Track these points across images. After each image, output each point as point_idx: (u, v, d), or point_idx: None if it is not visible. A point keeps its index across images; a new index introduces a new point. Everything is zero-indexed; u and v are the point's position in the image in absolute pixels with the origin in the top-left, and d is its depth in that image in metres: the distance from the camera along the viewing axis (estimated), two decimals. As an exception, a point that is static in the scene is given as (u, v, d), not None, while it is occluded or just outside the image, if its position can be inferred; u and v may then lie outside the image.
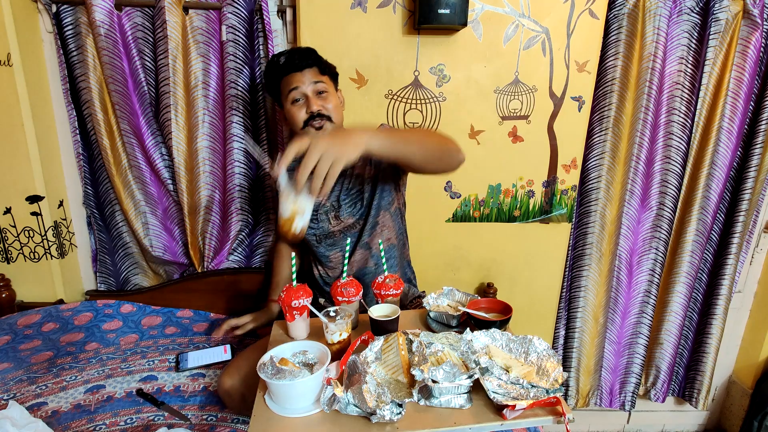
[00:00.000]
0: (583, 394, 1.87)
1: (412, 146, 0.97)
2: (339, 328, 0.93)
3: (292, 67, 1.16)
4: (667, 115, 1.57)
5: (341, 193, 1.24)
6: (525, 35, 1.42)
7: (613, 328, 1.81)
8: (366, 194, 1.24)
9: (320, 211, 1.24)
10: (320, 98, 1.17)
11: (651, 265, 1.73)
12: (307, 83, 1.16)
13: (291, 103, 1.17)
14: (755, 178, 1.62)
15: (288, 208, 0.87)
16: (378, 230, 1.25)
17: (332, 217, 1.25)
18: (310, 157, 0.79)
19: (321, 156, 0.79)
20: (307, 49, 1.18)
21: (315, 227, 1.25)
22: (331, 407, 0.79)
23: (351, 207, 1.24)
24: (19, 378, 1.24)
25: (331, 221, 1.25)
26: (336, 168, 0.80)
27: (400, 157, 0.96)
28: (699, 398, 1.88)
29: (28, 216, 1.44)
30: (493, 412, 0.80)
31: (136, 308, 1.51)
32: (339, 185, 1.25)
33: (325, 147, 0.80)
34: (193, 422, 1.18)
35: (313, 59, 1.17)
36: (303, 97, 1.16)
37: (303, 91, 1.16)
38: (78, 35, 1.39)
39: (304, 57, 1.16)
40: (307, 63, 1.16)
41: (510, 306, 1.05)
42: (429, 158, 1.01)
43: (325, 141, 0.80)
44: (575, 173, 1.59)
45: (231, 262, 1.62)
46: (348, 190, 1.25)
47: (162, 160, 1.50)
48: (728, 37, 1.50)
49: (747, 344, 1.94)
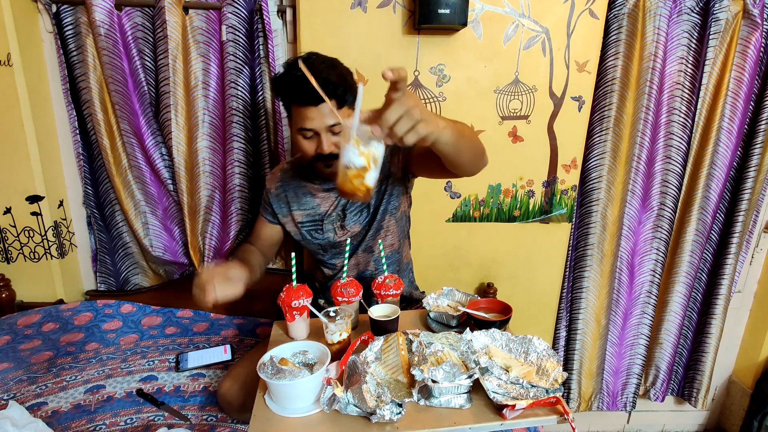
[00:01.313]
0: (586, 397, 1.87)
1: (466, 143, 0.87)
2: (339, 328, 0.93)
3: (304, 99, 1.00)
4: (667, 114, 1.57)
5: (347, 202, 1.20)
6: (525, 35, 1.42)
7: (615, 329, 1.81)
8: (372, 200, 1.19)
9: (325, 222, 1.21)
10: (335, 136, 1.05)
11: (652, 266, 1.73)
12: (319, 122, 1.02)
13: (300, 133, 1.06)
14: (755, 178, 1.62)
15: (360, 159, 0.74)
16: (381, 234, 1.23)
17: (337, 227, 1.21)
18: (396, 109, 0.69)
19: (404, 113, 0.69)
20: (326, 78, 0.98)
21: (320, 238, 1.23)
22: (331, 407, 0.79)
23: (357, 215, 1.20)
24: (19, 378, 1.24)
25: (336, 231, 1.21)
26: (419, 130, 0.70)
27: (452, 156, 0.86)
28: (699, 398, 1.88)
29: (28, 216, 1.44)
30: (493, 412, 0.80)
31: (136, 308, 1.51)
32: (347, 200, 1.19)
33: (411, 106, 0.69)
34: (193, 422, 1.18)
35: (332, 92, 0.99)
36: (314, 134, 1.04)
37: (315, 128, 1.03)
38: (78, 35, 1.39)
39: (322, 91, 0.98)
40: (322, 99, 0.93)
41: (510, 306, 1.05)
42: (472, 159, 0.93)
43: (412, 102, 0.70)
44: (575, 173, 1.59)
45: (231, 262, 1.62)
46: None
47: (162, 160, 1.50)
48: (728, 37, 1.50)
49: (747, 344, 1.94)
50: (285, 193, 1.23)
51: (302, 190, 1.22)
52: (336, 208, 1.21)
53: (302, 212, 1.22)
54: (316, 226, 1.22)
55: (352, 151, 0.73)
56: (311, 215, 1.22)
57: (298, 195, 1.22)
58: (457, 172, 0.97)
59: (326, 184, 1.20)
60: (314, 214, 1.22)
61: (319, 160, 1.08)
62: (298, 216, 1.23)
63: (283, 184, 1.24)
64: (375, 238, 1.23)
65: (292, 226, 1.25)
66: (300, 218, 1.23)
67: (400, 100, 0.69)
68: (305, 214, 1.22)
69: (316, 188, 1.21)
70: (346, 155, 0.74)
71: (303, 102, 1.01)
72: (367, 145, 0.73)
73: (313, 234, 1.23)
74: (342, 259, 1.25)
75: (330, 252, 1.26)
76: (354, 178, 0.75)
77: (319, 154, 1.06)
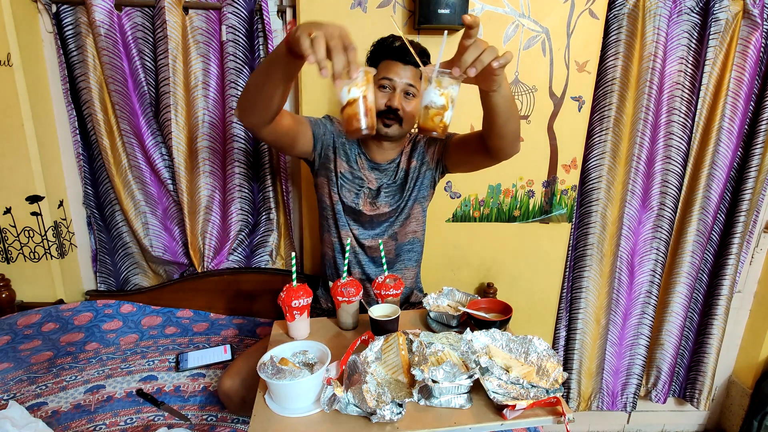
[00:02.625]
0: (585, 397, 1.87)
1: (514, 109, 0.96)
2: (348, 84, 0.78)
3: (400, 56, 1.13)
4: (667, 115, 1.57)
5: (384, 182, 1.25)
6: (525, 35, 1.42)
7: (615, 329, 1.81)
8: (408, 184, 1.24)
9: (362, 189, 1.24)
10: (405, 98, 1.16)
11: (652, 266, 1.73)
12: (403, 79, 1.14)
13: (378, 86, 1.15)
14: (755, 178, 1.62)
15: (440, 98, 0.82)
16: (408, 222, 1.27)
17: (368, 202, 1.24)
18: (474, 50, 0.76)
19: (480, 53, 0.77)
20: (421, 50, 1.15)
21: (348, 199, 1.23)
22: (331, 407, 0.79)
23: (389, 197, 1.25)
24: (19, 378, 1.24)
25: (366, 205, 1.24)
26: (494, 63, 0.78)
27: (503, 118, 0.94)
28: (700, 398, 1.88)
29: (28, 216, 1.44)
30: (493, 412, 0.80)
31: (136, 308, 1.51)
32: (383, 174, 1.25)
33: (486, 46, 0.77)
34: (193, 422, 1.18)
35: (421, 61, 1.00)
36: (391, 89, 1.15)
37: (395, 84, 1.14)
38: (78, 35, 1.39)
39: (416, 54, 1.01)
40: (414, 61, 1.13)
41: (510, 306, 1.05)
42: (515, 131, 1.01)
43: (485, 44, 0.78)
44: (575, 173, 1.59)
45: (231, 262, 1.62)
46: (391, 179, 1.25)
47: (162, 160, 1.50)
48: (728, 37, 1.50)
49: (747, 344, 1.94)
50: (343, 143, 1.24)
51: (353, 155, 1.24)
52: (377, 189, 1.25)
53: (348, 167, 1.23)
54: (352, 185, 1.24)
55: (433, 91, 0.82)
56: (353, 174, 1.24)
57: (350, 155, 1.24)
58: (499, 145, 1.03)
59: (371, 163, 1.25)
60: (356, 175, 1.24)
61: (385, 114, 1.15)
62: (343, 166, 1.23)
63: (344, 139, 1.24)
64: (403, 225, 1.26)
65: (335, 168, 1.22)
66: (343, 169, 1.23)
67: (476, 43, 0.77)
68: (349, 170, 1.23)
69: (361, 163, 1.25)
70: (428, 96, 0.82)
71: (395, 57, 1.14)
72: (446, 86, 0.81)
73: (343, 191, 1.23)
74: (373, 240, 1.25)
75: (357, 223, 1.25)
76: (435, 116, 0.83)
77: (387, 107, 1.14)
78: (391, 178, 1.25)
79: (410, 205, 1.25)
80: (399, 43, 1.15)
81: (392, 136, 1.18)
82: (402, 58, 1.13)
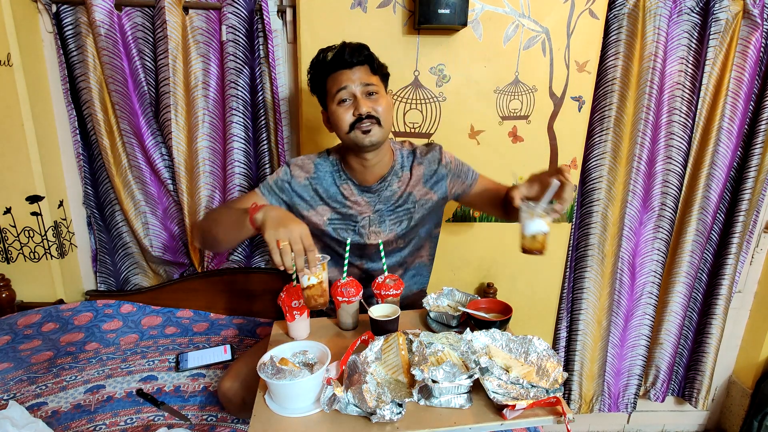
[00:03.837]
0: (587, 399, 1.87)
1: None
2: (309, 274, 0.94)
3: (341, 63, 1.06)
4: (667, 114, 1.57)
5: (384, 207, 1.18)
6: (525, 35, 1.42)
7: (616, 331, 1.81)
8: (415, 215, 1.19)
9: (359, 222, 1.17)
10: (370, 99, 1.07)
11: (653, 267, 1.72)
12: (356, 82, 1.06)
13: (337, 103, 1.07)
14: (755, 178, 1.62)
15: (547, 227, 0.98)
16: (417, 253, 1.26)
17: (371, 231, 1.18)
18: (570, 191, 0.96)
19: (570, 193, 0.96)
20: (358, 45, 1.07)
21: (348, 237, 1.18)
22: (331, 407, 0.79)
23: (396, 224, 1.18)
24: (19, 378, 1.24)
25: (368, 236, 1.17)
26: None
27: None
28: (699, 398, 1.88)
29: (28, 216, 1.44)
30: (493, 412, 0.80)
31: (136, 308, 1.51)
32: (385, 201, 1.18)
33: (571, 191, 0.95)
34: (193, 422, 1.18)
35: (364, 56, 1.07)
36: (351, 98, 1.07)
37: (351, 90, 1.06)
38: (78, 35, 1.39)
39: (355, 53, 1.06)
40: (358, 60, 1.06)
41: (510, 306, 1.05)
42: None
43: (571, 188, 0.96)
44: (575, 173, 1.59)
45: (231, 262, 1.62)
46: (394, 205, 1.19)
47: (162, 160, 1.50)
48: (728, 37, 1.50)
49: (747, 344, 1.94)
50: (316, 185, 1.17)
51: (334, 189, 1.17)
52: (371, 214, 1.18)
53: (330, 209, 1.17)
54: (346, 224, 1.18)
55: (540, 222, 0.97)
56: (341, 213, 1.17)
57: (330, 192, 1.17)
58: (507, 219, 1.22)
59: (360, 187, 1.17)
60: (345, 214, 1.17)
61: (357, 122, 1.06)
62: (326, 212, 1.17)
63: (317, 176, 1.17)
64: (413, 256, 1.25)
65: (314, 222, 1.18)
66: (328, 214, 1.17)
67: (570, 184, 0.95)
68: (334, 212, 1.17)
69: (349, 191, 1.17)
70: (535, 227, 0.98)
71: (338, 67, 1.07)
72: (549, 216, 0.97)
73: (340, 233, 1.18)
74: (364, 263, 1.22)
75: (351, 254, 1.21)
76: (543, 240, 0.99)
77: (357, 117, 1.06)
78: (386, 201, 1.18)
79: (423, 236, 1.24)
80: (331, 53, 1.07)
81: (377, 142, 1.08)
82: (344, 64, 1.06)
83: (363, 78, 1.07)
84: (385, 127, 1.09)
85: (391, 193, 1.18)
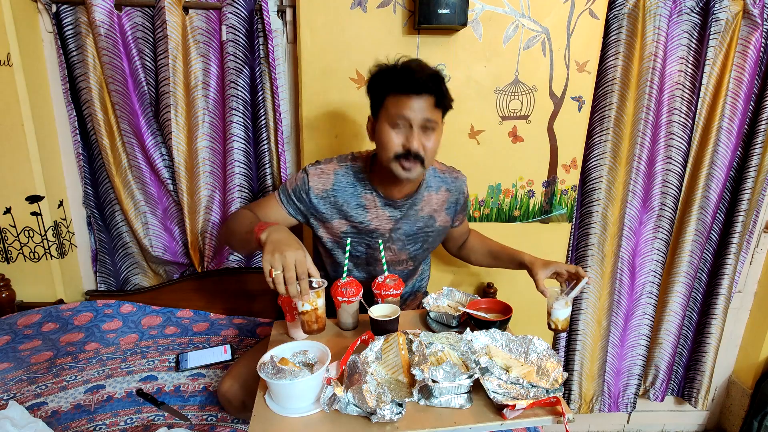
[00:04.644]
0: (587, 399, 1.87)
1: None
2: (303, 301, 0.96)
3: (410, 87, 0.98)
4: (667, 114, 1.57)
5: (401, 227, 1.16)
6: (525, 35, 1.42)
7: (617, 331, 1.81)
8: (430, 239, 1.23)
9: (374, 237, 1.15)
10: (424, 135, 1.02)
11: (653, 267, 1.72)
12: (417, 113, 0.99)
13: (391, 125, 1.02)
14: (755, 178, 1.62)
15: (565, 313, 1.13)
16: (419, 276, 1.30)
17: (385, 247, 1.16)
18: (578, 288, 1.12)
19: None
20: (433, 74, 1.01)
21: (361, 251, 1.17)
22: (331, 407, 0.79)
23: (410, 244, 1.19)
24: (19, 378, 1.24)
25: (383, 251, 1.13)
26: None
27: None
28: (698, 398, 1.88)
29: (28, 216, 1.44)
30: (493, 412, 0.80)
31: (136, 308, 1.51)
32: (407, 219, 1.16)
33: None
34: (193, 422, 1.18)
35: (435, 87, 1.00)
36: (407, 127, 1.01)
37: (410, 121, 1.00)
38: (78, 35, 1.39)
39: (428, 82, 0.99)
40: (427, 89, 0.99)
41: (510, 306, 1.05)
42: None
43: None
44: (575, 173, 1.59)
45: (231, 262, 1.62)
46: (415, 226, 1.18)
47: (162, 160, 1.50)
48: (728, 37, 1.50)
49: (747, 344, 1.94)
50: (335, 197, 1.12)
51: (356, 200, 1.12)
52: (392, 231, 1.16)
53: (348, 222, 1.13)
54: (361, 238, 1.15)
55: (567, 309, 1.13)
56: (358, 228, 1.14)
57: (350, 204, 1.12)
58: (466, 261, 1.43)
59: (385, 200, 1.13)
60: (362, 228, 1.14)
61: (400, 158, 1.02)
62: (342, 225, 1.14)
63: (336, 188, 1.11)
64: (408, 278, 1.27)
65: (331, 232, 1.15)
66: (344, 227, 1.14)
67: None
68: (350, 225, 1.14)
69: (372, 202, 1.13)
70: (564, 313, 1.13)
71: (405, 90, 0.99)
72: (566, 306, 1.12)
73: (354, 245, 1.16)
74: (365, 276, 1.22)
75: (359, 268, 1.21)
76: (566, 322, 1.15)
77: (406, 150, 1.01)
78: (410, 219, 1.16)
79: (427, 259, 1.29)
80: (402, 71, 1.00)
81: (414, 179, 1.06)
82: (414, 89, 0.98)
83: (426, 111, 1.00)
84: (426, 167, 1.05)
85: (416, 213, 1.17)
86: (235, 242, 1.11)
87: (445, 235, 1.29)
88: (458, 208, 1.27)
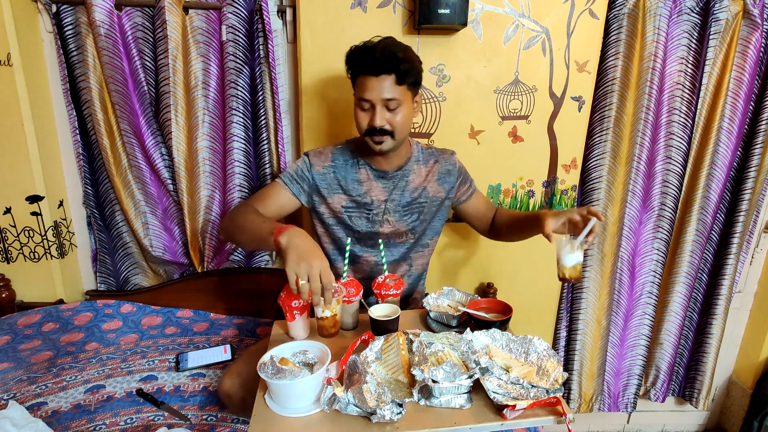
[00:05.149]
0: (586, 398, 1.87)
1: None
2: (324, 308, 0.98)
3: (368, 68, 1.05)
4: (667, 115, 1.57)
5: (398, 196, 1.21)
6: (525, 35, 1.42)
7: (616, 331, 1.81)
8: (426, 210, 1.23)
9: (373, 210, 1.20)
10: (389, 113, 1.08)
11: (653, 267, 1.72)
12: (377, 93, 1.06)
13: (358, 105, 1.10)
14: (755, 178, 1.62)
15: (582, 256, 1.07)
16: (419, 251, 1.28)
17: (384, 219, 1.20)
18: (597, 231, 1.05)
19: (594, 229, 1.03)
20: (388, 54, 1.04)
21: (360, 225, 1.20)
22: (331, 407, 0.79)
23: (407, 215, 1.22)
24: (19, 378, 1.24)
25: (381, 223, 1.20)
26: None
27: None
28: (699, 398, 1.88)
29: (28, 216, 1.44)
30: (493, 412, 0.80)
31: (136, 308, 1.51)
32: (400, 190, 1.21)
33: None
34: (193, 422, 1.18)
35: (391, 66, 1.04)
36: (370, 107, 1.08)
37: (372, 100, 1.07)
38: (78, 35, 1.39)
39: (385, 63, 1.04)
40: (385, 68, 1.04)
41: (510, 306, 1.05)
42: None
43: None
44: (575, 173, 1.59)
45: (231, 262, 1.62)
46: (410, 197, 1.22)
47: (162, 160, 1.50)
48: (728, 37, 1.50)
49: (747, 344, 1.94)
50: (334, 173, 1.19)
51: (352, 176, 1.19)
52: (386, 201, 1.20)
53: (347, 197, 1.19)
54: (360, 212, 1.20)
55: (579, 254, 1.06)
56: (357, 201, 1.20)
57: (348, 179, 1.19)
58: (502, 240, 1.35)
59: (377, 172, 1.20)
60: (360, 202, 1.20)
61: (370, 134, 1.10)
62: (342, 200, 1.19)
63: (335, 165, 1.19)
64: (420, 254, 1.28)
65: (331, 208, 1.20)
66: (344, 202, 1.19)
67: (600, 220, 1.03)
68: (350, 200, 1.19)
69: (366, 176, 1.20)
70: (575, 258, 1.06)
71: (364, 71, 1.07)
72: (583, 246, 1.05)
73: (354, 220, 1.20)
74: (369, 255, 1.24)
75: (362, 243, 1.23)
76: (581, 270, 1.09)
77: (371, 127, 1.08)
78: (402, 190, 1.21)
79: (428, 234, 1.28)
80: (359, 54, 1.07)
81: (387, 150, 1.13)
82: (374, 70, 1.05)
83: (386, 90, 1.06)
84: (398, 138, 1.11)
85: (406, 184, 1.22)
86: (243, 240, 1.09)
87: (444, 208, 1.28)
88: (453, 181, 1.27)
